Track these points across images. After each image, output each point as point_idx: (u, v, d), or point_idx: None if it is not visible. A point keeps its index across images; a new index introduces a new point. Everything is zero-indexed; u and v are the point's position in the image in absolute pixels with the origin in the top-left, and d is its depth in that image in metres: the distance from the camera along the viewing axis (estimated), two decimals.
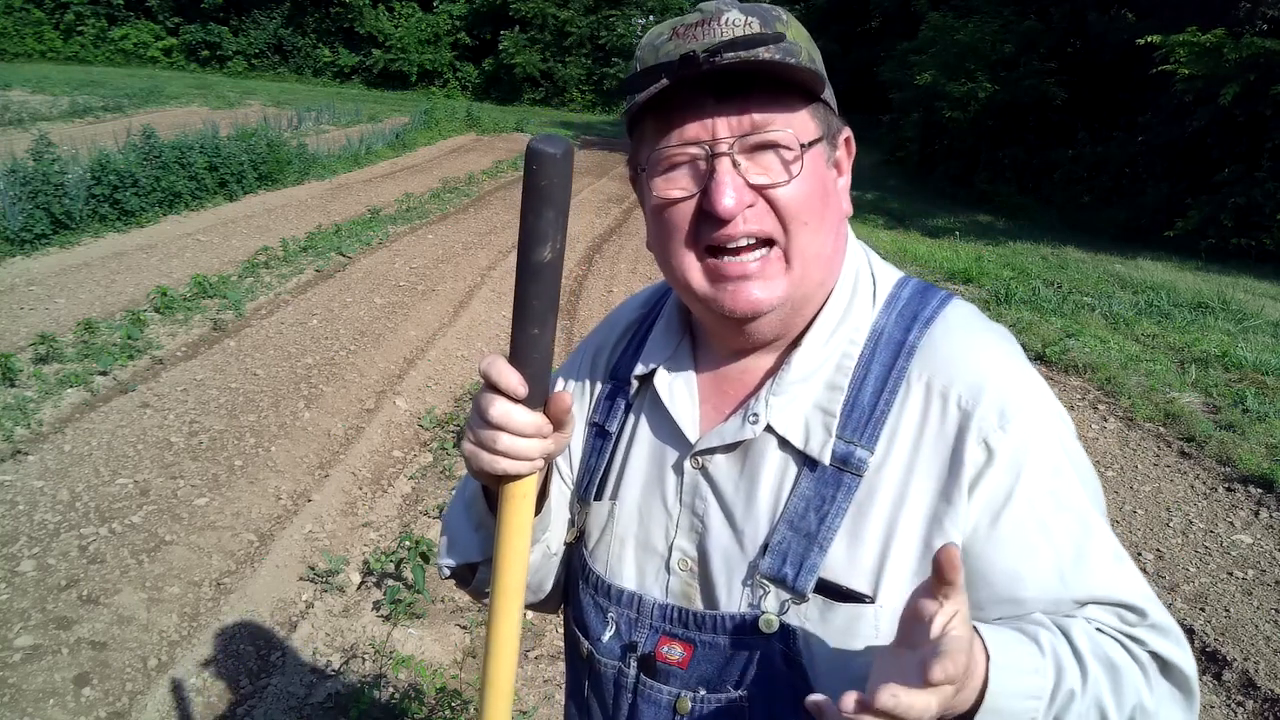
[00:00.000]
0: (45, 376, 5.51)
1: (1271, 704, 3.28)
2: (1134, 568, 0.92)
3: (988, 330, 1.01)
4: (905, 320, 1.00)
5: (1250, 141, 13.40)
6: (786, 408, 0.99)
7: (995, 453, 0.91)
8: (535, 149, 0.81)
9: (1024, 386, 0.95)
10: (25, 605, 3.46)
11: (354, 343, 6.76)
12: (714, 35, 0.91)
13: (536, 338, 0.86)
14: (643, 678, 1.03)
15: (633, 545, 1.07)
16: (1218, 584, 4.06)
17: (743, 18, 0.92)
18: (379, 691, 3.13)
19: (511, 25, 35.64)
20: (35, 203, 8.89)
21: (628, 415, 1.12)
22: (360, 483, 4.74)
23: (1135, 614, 0.89)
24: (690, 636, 1.00)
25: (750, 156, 0.93)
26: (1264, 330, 8.37)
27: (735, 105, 0.92)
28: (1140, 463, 5.33)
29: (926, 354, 0.97)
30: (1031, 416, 0.93)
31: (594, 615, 1.08)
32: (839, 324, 1.01)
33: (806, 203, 0.95)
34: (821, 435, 0.97)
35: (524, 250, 0.84)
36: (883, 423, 0.95)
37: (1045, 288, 9.80)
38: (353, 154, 16.42)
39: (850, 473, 0.94)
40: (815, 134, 0.96)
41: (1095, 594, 0.89)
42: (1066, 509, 0.91)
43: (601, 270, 9.73)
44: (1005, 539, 0.90)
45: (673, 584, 1.03)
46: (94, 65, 34.72)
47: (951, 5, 19.80)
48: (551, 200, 0.83)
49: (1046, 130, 17.75)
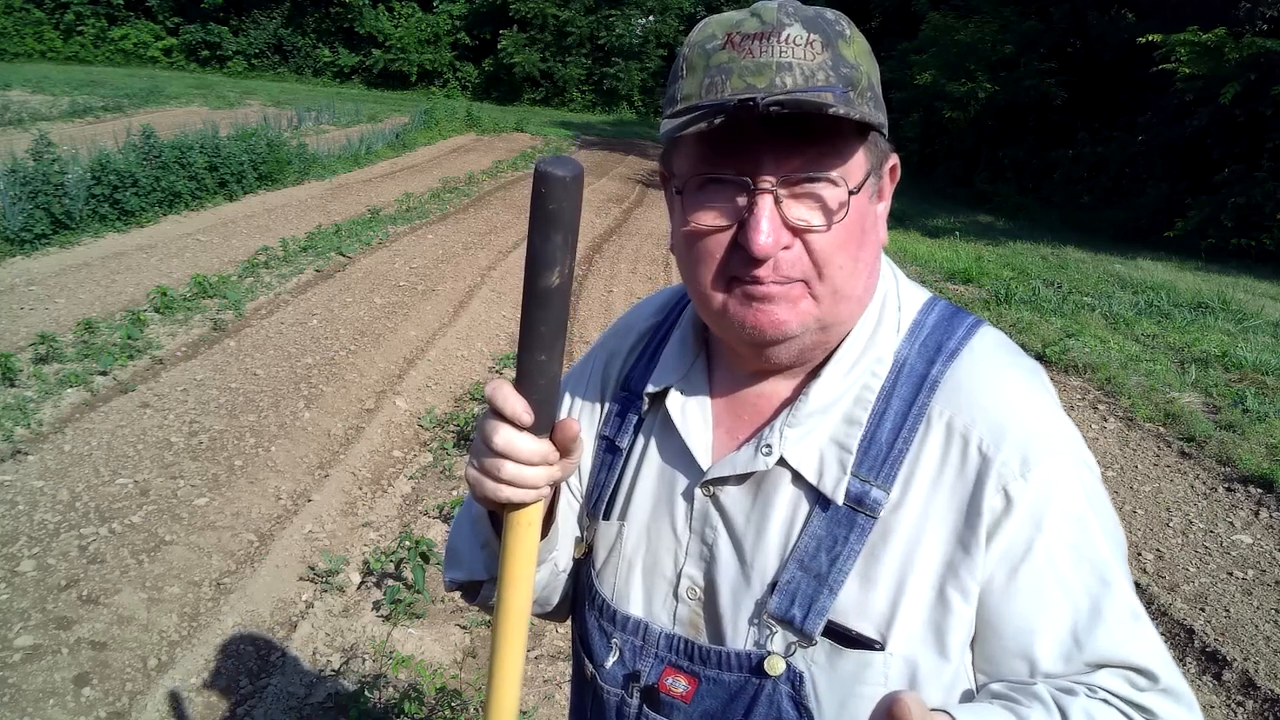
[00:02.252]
0: (45, 376, 5.51)
1: (1271, 704, 3.28)
2: (1151, 628, 0.90)
3: (1014, 366, 0.97)
4: (929, 351, 0.96)
5: (1250, 141, 13.39)
6: (801, 440, 0.95)
7: (1015, 502, 0.88)
8: (544, 171, 0.78)
9: (1048, 431, 0.91)
10: (25, 605, 3.46)
11: (354, 343, 6.76)
12: (773, 55, 0.85)
13: (544, 364, 0.83)
14: (645, 709, 1.01)
15: (640, 569, 1.04)
16: (1218, 584, 4.06)
17: (805, 35, 0.86)
18: (379, 691, 3.13)
19: (511, 25, 35.63)
20: (35, 203, 8.89)
21: (638, 433, 1.08)
22: (360, 483, 4.74)
23: (1146, 678, 0.87)
24: (695, 670, 0.98)
25: (794, 195, 0.88)
26: (1264, 330, 8.37)
27: (785, 145, 0.87)
28: (1140, 463, 5.33)
29: (949, 390, 0.93)
30: (1054, 464, 0.89)
31: (598, 639, 1.06)
32: (861, 354, 0.97)
33: (844, 248, 0.90)
34: (836, 472, 0.93)
35: (531, 275, 0.81)
36: (900, 462, 0.92)
37: (1045, 288, 9.80)
38: (353, 154, 16.42)
39: (865, 513, 0.91)
40: (864, 172, 0.91)
41: (1108, 656, 0.86)
42: (1086, 563, 0.88)
43: (601, 270, 9.73)
44: (1021, 593, 0.87)
45: (681, 612, 1.01)
46: (94, 65, 34.69)
47: (951, 5, 19.80)
48: (560, 224, 0.79)
49: (1046, 130, 17.76)
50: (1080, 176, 16.86)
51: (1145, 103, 15.70)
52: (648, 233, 11.93)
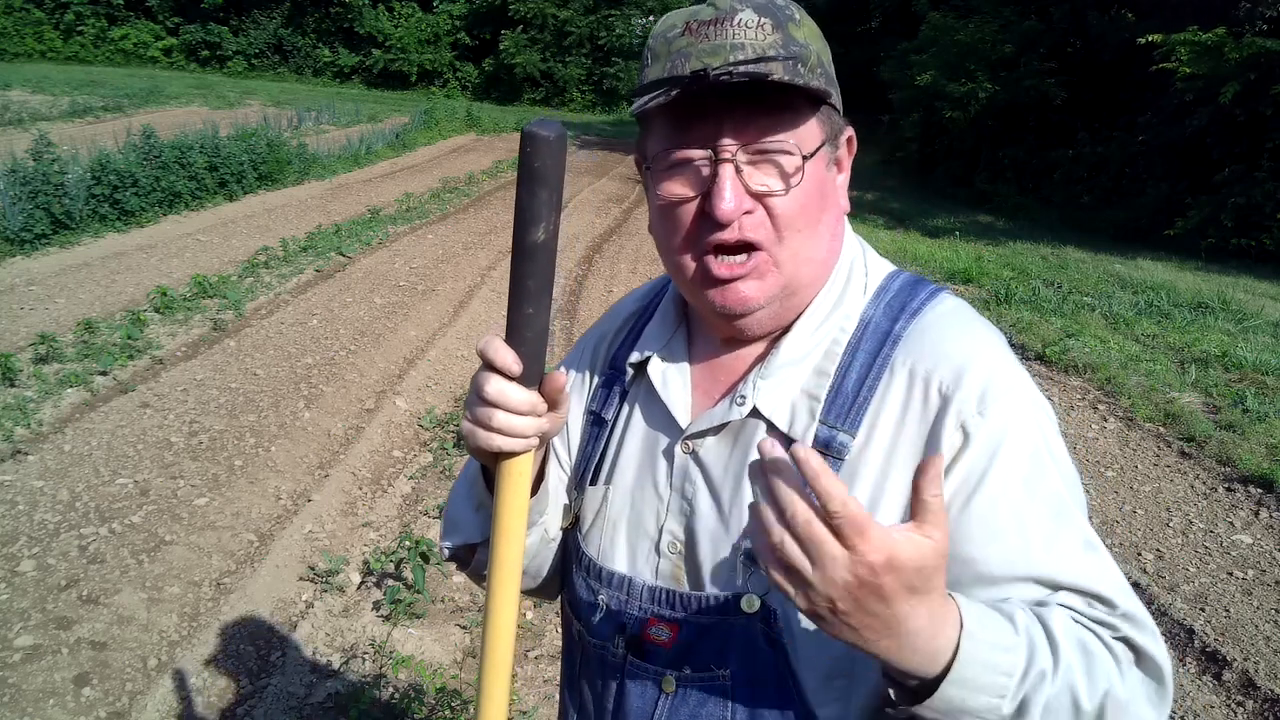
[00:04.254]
0: (45, 376, 5.51)
1: (1271, 704, 3.28)
2: (1108, 558, 0.92)
3: (973, 321, 1.03)
4: (893, 310, 1.02)
5: (1250, 141, 13.39)
6: (773, 391, 1.01)
7: (971, 436, 0.92)
8: (529, 131, 0.84)
9: (1005, 374, 0.96)
10: (25, 605, 3.47)
11: (354, 343, 6.76)
12: (726, 37, 0.93)
13: (531, 317, 0.89)
14: (630, 658, 1.05)
15: (625, 529, 1.09)
16: (1218, 584, 4.06)
17: (755, 18, 0.93)
18: (379, 691, 3.13)
19: (511, 25, 35.64)
20: (35, 203, 8.89)
21: (623, 403, 1.15)
22: (360, 483, 4.74)
23: (1105, 605, 0.89)
24: (676, 617, 1.02)
25: (753, 163, 0.95)
26: (1264, 330, 8.37)
27: (742, 115, 0.94)
28: (1140, 463, 5.33)
29: (912, 342, 0.99)
30: (1011, 402, 0.94)
31: (585, 597, 1.10)
32: (830, 313, 1.03)
33: (803, 212, 0.97)
34: (805, 419, 0.98)
35: (519, 231, 0.87)
36: (865, 408, 0.97)
37: (1045, 288, 9.80)
38: (353, 154, 16.42)
39: (832, 456, 0.96)
40: (819, 140, 0.98)
41: (1063, 580, 0.89)
42: (1039, 495, 0.91)
43: (601, 270, 9.73)
44: (975, 520, 0.90)
45: (662, 566, 1.05)
46: (94, 65, 34.71)
47: (951, 5, 19.78)
48: (545, 181, 0.85)
49: (1046, 130, 17.74)
50: (1080, 176, 16.85)
51: (1145, 103, 15.69)
52: (647, 233, 11.89)
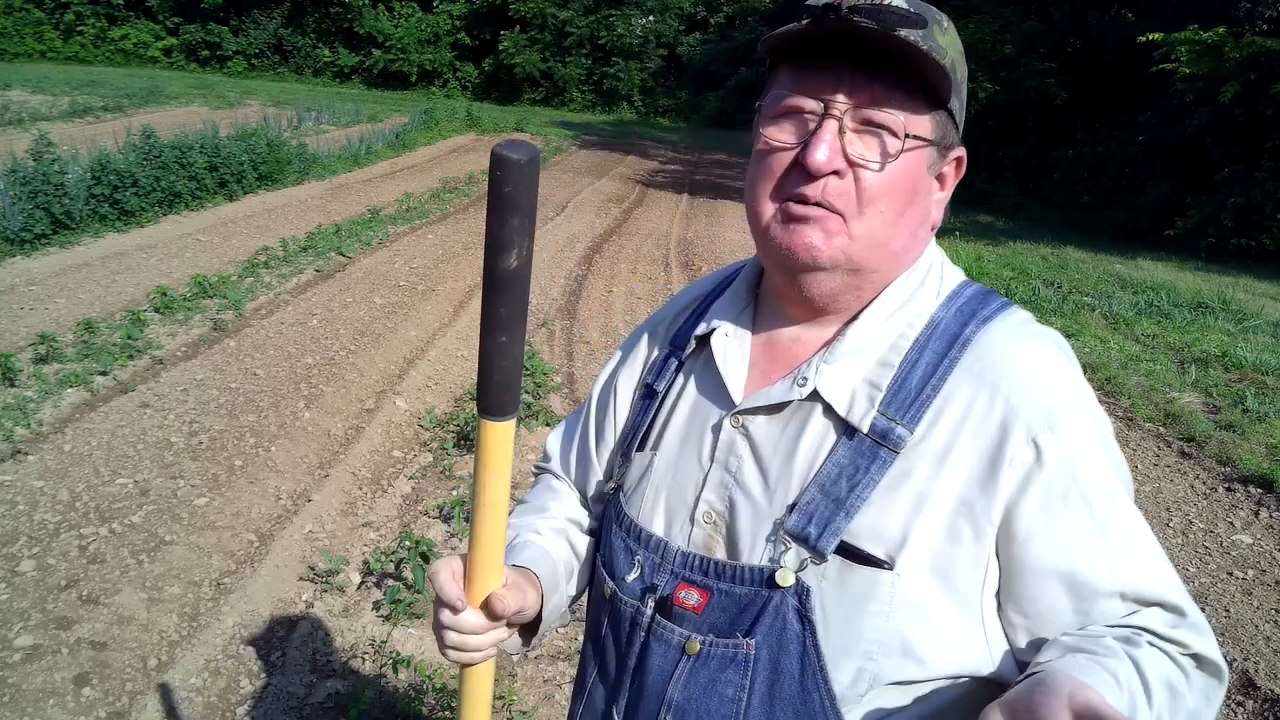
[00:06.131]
0: (45, 376, 5.51)
1: (1271, 704, 3.28)
2: (1171, 567, 0.97)
3: (1044, 335, 1.04)
4: (964, 315, 1.03)
5: (1250, 141, 13.39)
6: (837, 376, 1.01)
7: (1045, 452, 0.93)
8: (499, 155, 0.80)
9: (1073, 388, 0.98)
10: (25, 605, 3.46)
11: (354, 343, 6.76)
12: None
13: (505, 345, 0.87)
14: (658, 618, 1.06)
15: (665, 495, 1.11)
16: (1218, 584, 4.06)
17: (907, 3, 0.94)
18: (379, 691, 3.13)
19: (511, 25, 35.61)
20: (35, 203, 8.88)
21: (678, 375, 1.17)
22: (360, 483, 4.74)
23: (1177, 614, 0.94)
24: (708, 584, 1.03)
25: (858, 131, 0.96)
26: (1264, 330, 8.37)
27: (863, 77, 0.94)
28: (1140, 463, 5.33)
29: (981, 348, 0.99)
30: (1080, 419, 0.96)
31: (622, 556, 1.12)
32: (900, 307, 1.03)
33: (889, 193, 0.97)
34: (865, 406, 0.99)
35: (490, 258, 0.84)
36: (927, 405, 0.97)
37: (1045, 288, 9.80)
38: (353, 154, 16.40)
39: (888, 448, 0.96)
40: (927, 135, 0.98)
41: (1145, 594, 0.93)
42: (1117, 510, 0.94)
43: (601, 270, 9.73)
44: (1063, 540, 0.93)
45: (695, 535, 1.06)
46: (94, 65, 34.68)
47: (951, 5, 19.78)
48: (516, 207, 0.82)
49: (1046, 130, 17.74)
50: (1080, 176, 16.85)
51: (1145, 102, 15.69)
52: (648, 233, 11.92)
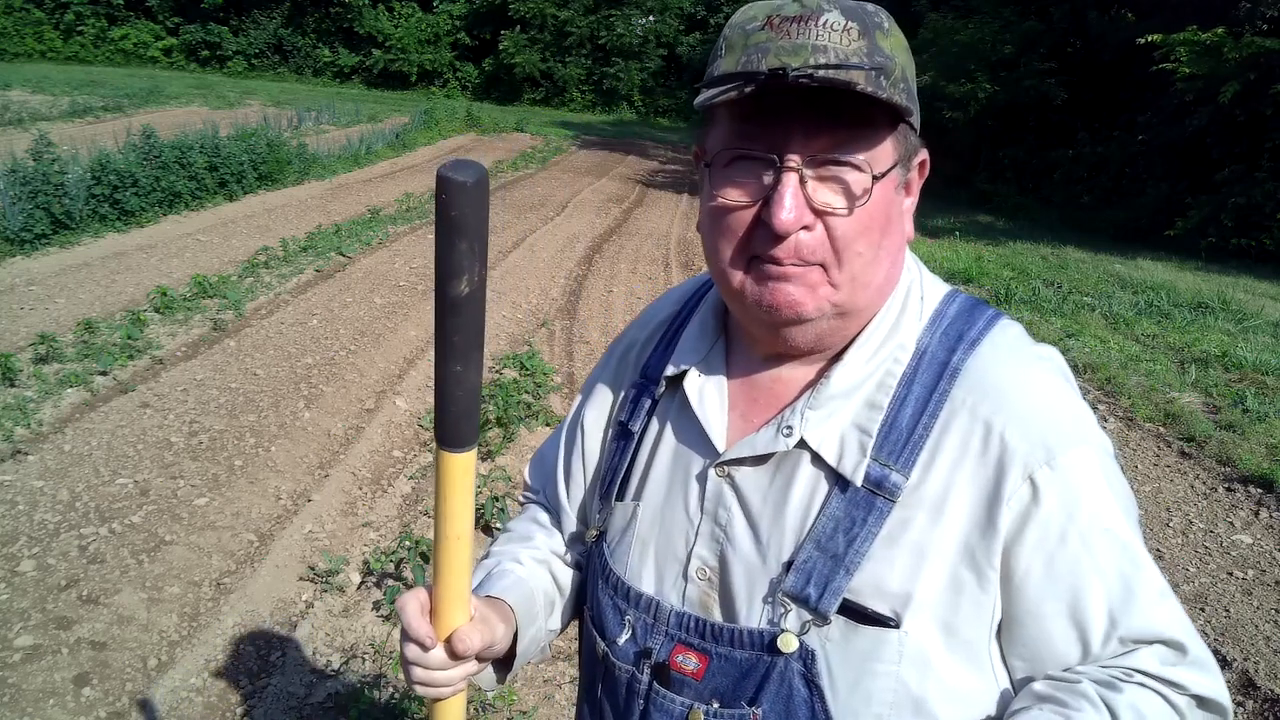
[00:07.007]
0: (45, 376, 5.50)
1: (1271, 704, 3.28)
2: (1176, 602, 0.93)
3: (1035, 356, 0.98)
4: (950, 340, 0.97)
5: (1250, 141, 13.39)
6: (823, 423, 0.95)
7: (1042, 490, 0.89)
8: (443, 176, 0.76)
9: (1069, 418, 0.93)
10: (25, 605, 3.46)
11: (354, 342, 6.76)
12: (810, 36, 0.86)
13: (460, 374, 0.84)
14: (656, 686, 1.01)
15: (653, 549, 1.05)
16: (1218, 584, 4.06)
17: (843, 21, 0.87)
18: (379, 691, 3.13)
19: (511, 25, 35.60)
20: (35, 203, 8.88)
21: (652, 416, 1.10)
22: (360, 483, 4.74)
23: (1177, 651, 0.90)
24: (706, 648, 0.99)
25: (820, 178, 0.89)
26: (1264, 330, 8.37)
27: (814, 124, 0.87)
28: (1140, 463, 5.33)
29: (971, 378, 0.94)
30: (1078, 452, 0.91)
31: (611, 616, 1.07)
32: (884, 341, 0.98)
33: (865, 234, 0.91)
34: (856, 455, 0.93)
35: (440, 284, 0.80)
36: (920, 447, 0.92)
37: (1045, 288, 9.80)
38: (353, 154, 16.40)
39: (883, 497, 0.92)
40: (891, 160, 0.92)
41: (1144, 633, 0.90)
42: (1117, 546, 0.91)
43: (601, 270, 9.73)
44: (1060, 579, 0.89)
45: (690, 592, 1.01)
46: (94, 65, 34.66)
47: (951, 6, 19.78)
48: (464, 231, 0.78)
49: (1046, 130, 17.74)
50: (1080, 176, 16.85)
51: (1145, 103, 15.69)
52: (648, 233, 11.92)
